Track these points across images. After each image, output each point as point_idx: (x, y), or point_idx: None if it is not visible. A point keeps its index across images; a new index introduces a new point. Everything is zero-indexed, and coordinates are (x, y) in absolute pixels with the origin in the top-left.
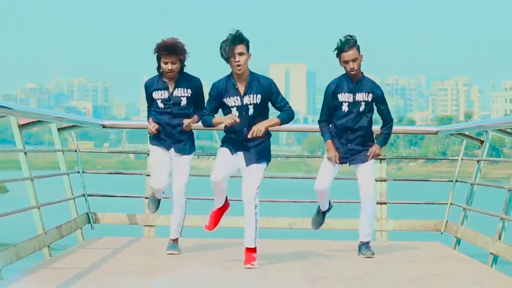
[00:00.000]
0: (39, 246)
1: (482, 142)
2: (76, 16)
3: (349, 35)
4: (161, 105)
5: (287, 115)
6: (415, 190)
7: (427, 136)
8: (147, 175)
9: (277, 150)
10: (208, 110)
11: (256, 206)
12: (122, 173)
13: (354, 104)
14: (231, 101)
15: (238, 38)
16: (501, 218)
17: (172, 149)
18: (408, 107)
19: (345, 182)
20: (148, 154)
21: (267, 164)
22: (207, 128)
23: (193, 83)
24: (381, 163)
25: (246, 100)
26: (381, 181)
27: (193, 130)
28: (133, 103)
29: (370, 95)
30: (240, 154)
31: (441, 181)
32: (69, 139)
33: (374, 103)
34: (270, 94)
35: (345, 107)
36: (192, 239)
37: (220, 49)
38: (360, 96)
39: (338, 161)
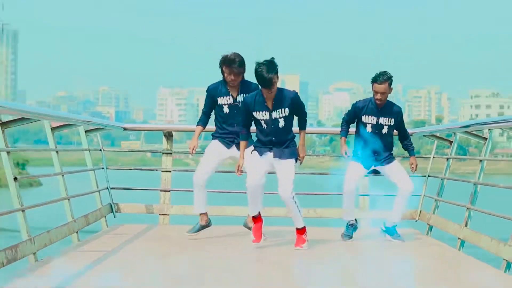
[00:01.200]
0: (69, 232)
1: (451, 142)
2: (98, 26)
3: (385, 71)
4: (226, 110)
5: (306, 124)
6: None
7: None
8: (162, 171)
9: None
10: (242, 123)
11: (293, 197)
12: (141, 169)
13: (377, 126)
14: (259, 115)
15: (273, 70)
16: (467, 208)
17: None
18: None
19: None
20: (164, 153)
21: (296, 162)
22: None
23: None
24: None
25: (275, 114)
26: (365, 176)
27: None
28: (150, 108)
29: (393, 120)
30: (269, 155)
31: (415, 175)
32: (94, 140)
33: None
34: (295, 106)
35: (368, 128)
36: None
37: (257, 76)
38: (383, 120)
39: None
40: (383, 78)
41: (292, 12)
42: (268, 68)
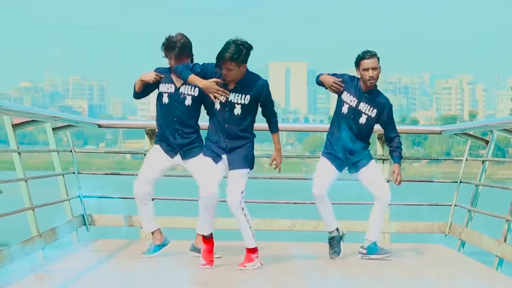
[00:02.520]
0: (33, 248)
1: (487, 142)
2: (71, 14)
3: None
4: (166, 99)
5: (277, 126)
6: (418, 191)
7: (430, 136)
8: None
9: None
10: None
11: (243, 209)
12: (119, 174)
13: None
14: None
15: (234, 55)
16: (506, 220)
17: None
18: (411, 106)
19: (346, 183)
20: (146, 155)
21: (250, 170)
22: None
23: None
24: (383, 163)
25: (232, 97)
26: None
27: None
28: (129, 102)
29: (375, 111)
30: (224, 158)
31: (445, 182)
32: (63, 139)
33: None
34: (260, 95)
35: (344, 109)
36: (188, 241)
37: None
38: (363, 107)
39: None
40: (370, 53)
41: None
42: (233, 49)
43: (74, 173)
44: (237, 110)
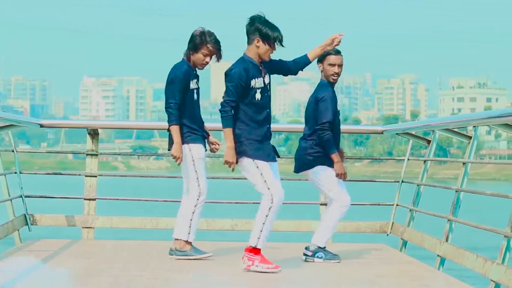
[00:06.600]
0: None
1: (429, 142)
2: (12, 12)
3: None
4: (195, 96)
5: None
6: (360, 191)
7: (372, 136)
8: (86, 176)
9: None
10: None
11: None
12: (61, 174)
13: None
14: (258, 82)
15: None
16: (448, 220)
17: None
18: (353, 106)
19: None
20: (88, 155)
21: None
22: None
23: None
24: None
25: (267, 79)
26: None
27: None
28: (71, 101)
29: None
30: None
31: (387, 181)
32: (6, 139)
33: None
34: (275, 64)
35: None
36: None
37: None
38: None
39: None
40: (337, 50)
41: None
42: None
43: (16, 172)
44: (269, 92)
